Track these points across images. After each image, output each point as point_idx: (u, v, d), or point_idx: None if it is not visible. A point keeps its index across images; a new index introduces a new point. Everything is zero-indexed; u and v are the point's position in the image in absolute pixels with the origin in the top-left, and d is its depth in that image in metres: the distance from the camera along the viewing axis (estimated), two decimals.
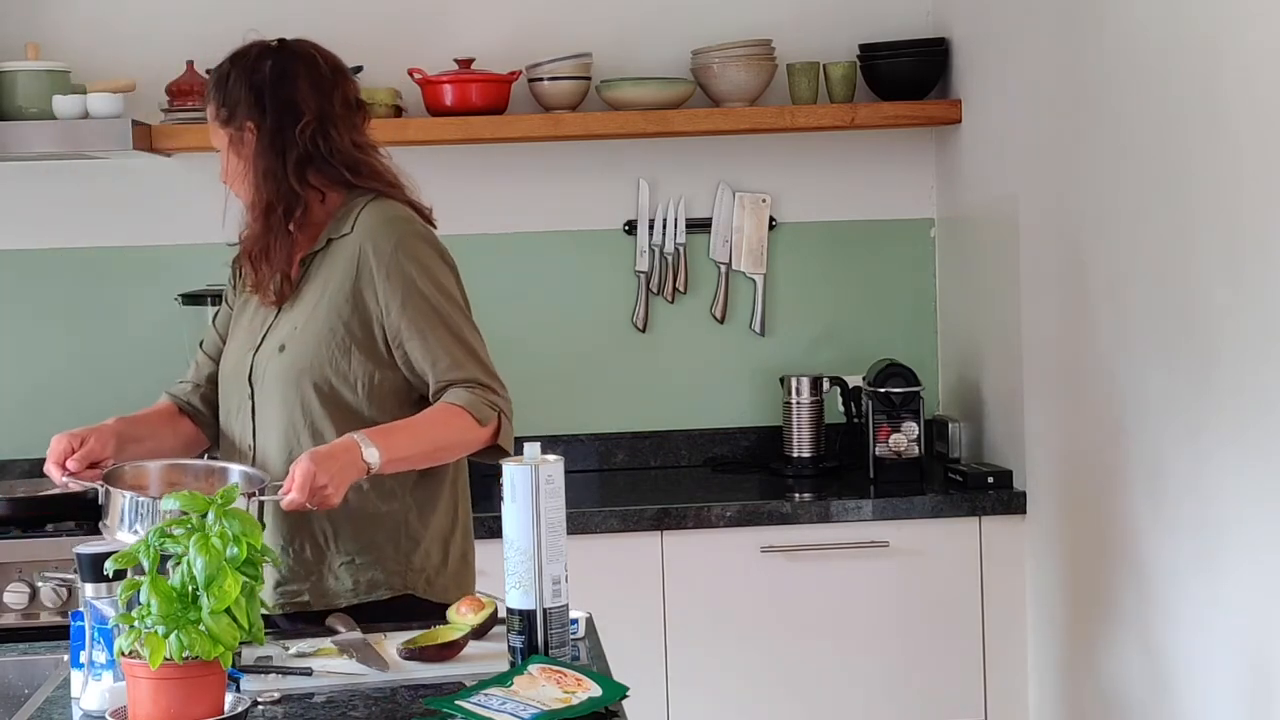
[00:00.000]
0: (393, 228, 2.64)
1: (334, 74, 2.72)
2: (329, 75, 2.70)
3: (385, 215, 2.66)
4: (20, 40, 3.85)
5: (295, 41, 2.76)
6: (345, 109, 2.70)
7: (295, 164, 2.64)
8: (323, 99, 2.67)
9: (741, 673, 3.62)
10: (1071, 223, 3.34)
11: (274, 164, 2.64)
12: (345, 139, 2.69)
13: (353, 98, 2.73)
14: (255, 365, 2.70)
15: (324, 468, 2.42)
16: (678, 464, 4.16)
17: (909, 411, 3.85)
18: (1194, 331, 2.83)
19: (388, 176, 2.74)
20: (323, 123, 2.66)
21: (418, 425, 2.58)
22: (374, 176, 2.71)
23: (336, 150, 2.67)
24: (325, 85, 2.68)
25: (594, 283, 4.15)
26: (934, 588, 3.65)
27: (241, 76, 2.68)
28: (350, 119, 2.71)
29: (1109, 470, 3.20)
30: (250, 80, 2.67)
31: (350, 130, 2.71)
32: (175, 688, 1.92)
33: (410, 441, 2.55)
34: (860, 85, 4.02)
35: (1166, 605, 2.98)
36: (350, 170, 2.68)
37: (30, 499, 3.59)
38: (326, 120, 2.66)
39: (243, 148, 2.67)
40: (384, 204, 2.69)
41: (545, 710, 2.06)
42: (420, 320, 2.61)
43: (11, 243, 4.03)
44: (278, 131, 2.64)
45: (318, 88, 2.67)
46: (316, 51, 2.74)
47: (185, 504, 2.02)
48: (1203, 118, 2.77)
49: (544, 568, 2.24)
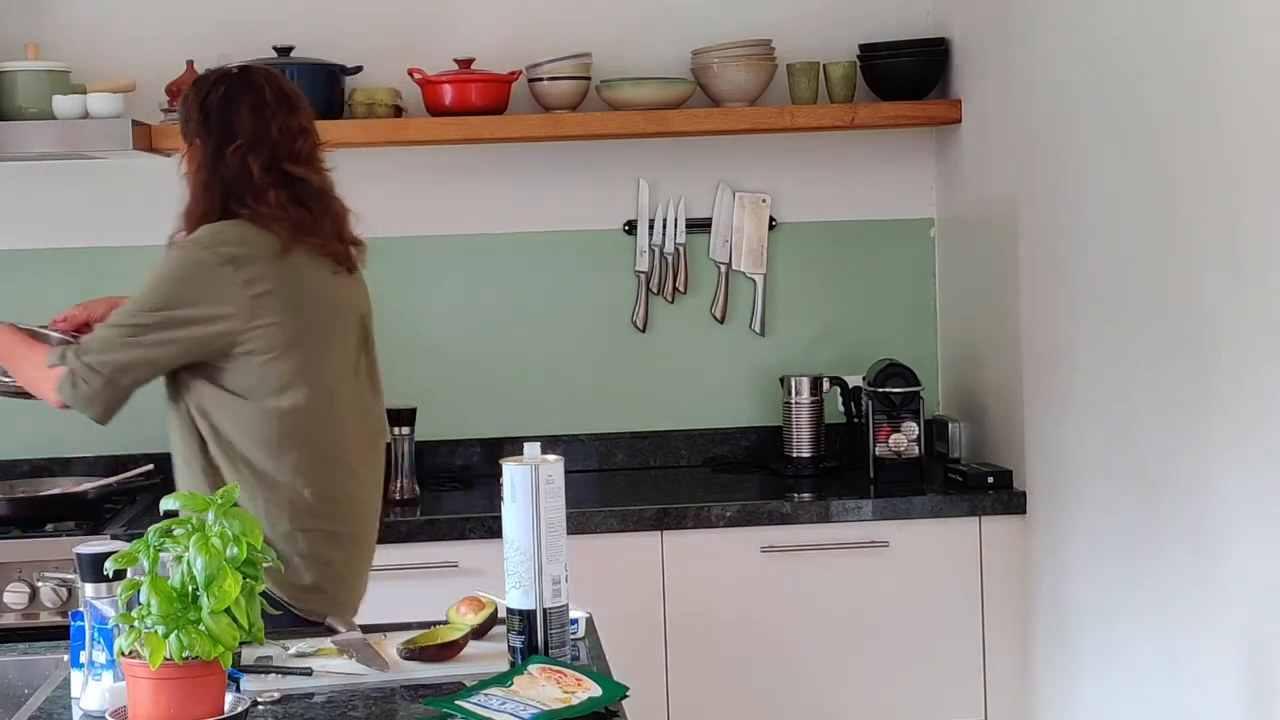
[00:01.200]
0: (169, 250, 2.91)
1: (278, 102, 2.90)
2: (271, 102, 2.89)
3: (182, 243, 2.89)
4: (20, 40, 3.85)
5: (254, 69, 2.96)
6: (283, 136, 2.88)
7: (221, 183, 2.87)
8: (259, 125, 2.87)
9: (741, 673, 3.62)
10: (1071, 223, 3.34)
11: (210, 178, 2.87)
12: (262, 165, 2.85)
13: (295, 125, 2.91)
14: None
15: None
16: (677, 464, 4.16)
17: (909, 411, 3.85)
18: (1193, 331, 2.83)
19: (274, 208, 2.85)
20: (250, 148, 2.86)
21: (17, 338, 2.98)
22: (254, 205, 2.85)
23: (245, 176, 2.85)
24: (266, 112, 2.88)
25: (594, 283, 4.15)
26: (934, 588, 3.65)
27: (196, 97, 2.92)
28: (288, 145, 2.88)
29: (1109, 470, 3.20)
30: (202, 102, 2.91)
31: (285, 157, 2.88)
32: (175, 688, 1.92)
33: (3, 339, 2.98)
34: (860, 85, 4.02)
35: (1166, 604, 2.98)
36: (234, 199, 2.85)
37: (30, 499, 3.60)
38: (256, 146, 2.86)
39: (190, 161, 2.93)
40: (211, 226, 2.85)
41: (545, 710, 2.06)
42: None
43: (11, 243, 4.03)
44: (215, 151, 2.87)
45: (257, 114, 2.88)
46: (268, 80, 2.93)
47: (185, 504, 2.02)
48: (1203, 117, 2.77)
49: (544, 568, 2.24)
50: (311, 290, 2.85)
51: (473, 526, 3.55)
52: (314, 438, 2.83)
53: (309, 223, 2.86)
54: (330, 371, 2.87)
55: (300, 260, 2.84)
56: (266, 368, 2.79)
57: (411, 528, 3.58)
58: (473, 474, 4.08)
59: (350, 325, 2.94)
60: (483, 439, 4.12)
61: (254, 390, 2.80)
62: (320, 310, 2.86)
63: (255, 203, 2.84)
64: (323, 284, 2.88)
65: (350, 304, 2.96)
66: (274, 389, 2.79)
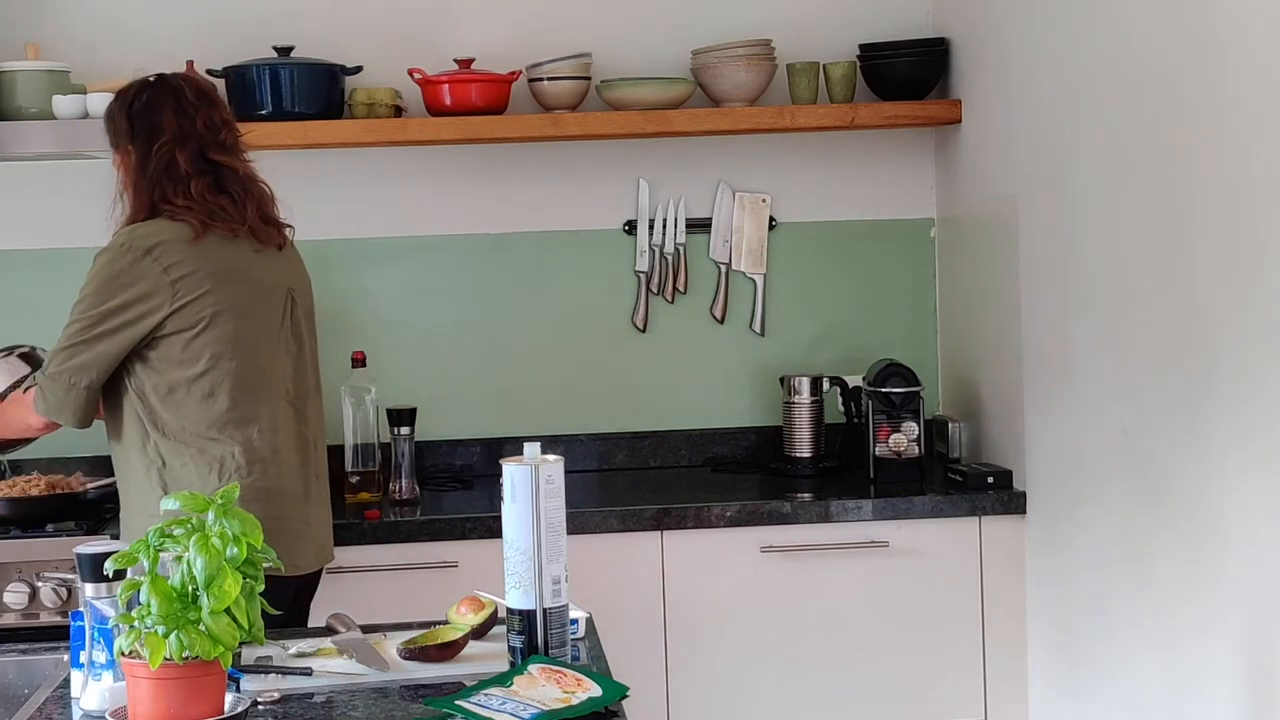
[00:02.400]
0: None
1: (199, 99, 3.10)
2: (193, 100, 3.09)
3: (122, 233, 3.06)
4: (20, 40, 3.85)
5: (170, 75, 3.15)
6: (208, 129, 3.07)
7: (151, 180, 3.06)
8: (185, 121, 3.06)
9: (741, 673, 3.62)
10: (1071, 223, 3.34)
11: (140, 179, 3.07)
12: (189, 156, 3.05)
13: (218, 118, 3.11)
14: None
15: None
16: (678, 464, 4.16)
17: (909, 411, 3.85)
18: (1194, 331, 2.83)
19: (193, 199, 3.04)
20: (176, 143, 3.05)
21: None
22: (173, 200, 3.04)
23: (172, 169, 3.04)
24: (189, 109, 3.07)
25: (594, 283, 4.15)
26: (934, 588, 3.65)
27: (121, 108, 3.11)
28: (212, 137, 3.07)
29: (1109, 470, 3.20)
30: (128, 111, 3.10)
31: (211, 146, 3.07)
32: (175, 688, 1.92)
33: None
34: (860, 85, 4.02)
35: (1166, 605, 2.98)
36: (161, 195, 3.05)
37: (30, 499, 3.59)
38: (182, 140, 3.05)
39: (125, 168, 3.11)
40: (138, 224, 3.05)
41: (545, 710, 2.06)
42: None
43: (11, 243, 4.03)
44: (143, 152, 3.06)
45: (181, 112, 3.07)
46: (186, 82, 3.13)
47: (185, 504, 2.02)
48: (1203, 117, 2.77)
49: (544, 568, 2.24)
50: (228, 268, 3.05)
51: (473, 526, 3.55)
52: (240, 403, 3.04)
53: (226, 208, 3.06)
54: (253, 340, 3.07)
55: (214, 243, 3.04)
56: (193, 342, 3.01)
57: (411, 528, 3.58)
58: (473, 474, 4.08)
59: (275, 298, 3.14)
60: (483, 439, 4.12)
61: (183, 364, 3.02)
62: (240, 285, 3.06)
63: (177, 196, 3.03)
64: (242, 262, 3.08)
65: (274, 278, 3.14)
66: (201, 360, 3.02)
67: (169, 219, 3.04)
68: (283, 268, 3.19)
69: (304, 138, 3.81)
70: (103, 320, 3.00)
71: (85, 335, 3.01)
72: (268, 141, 3.73)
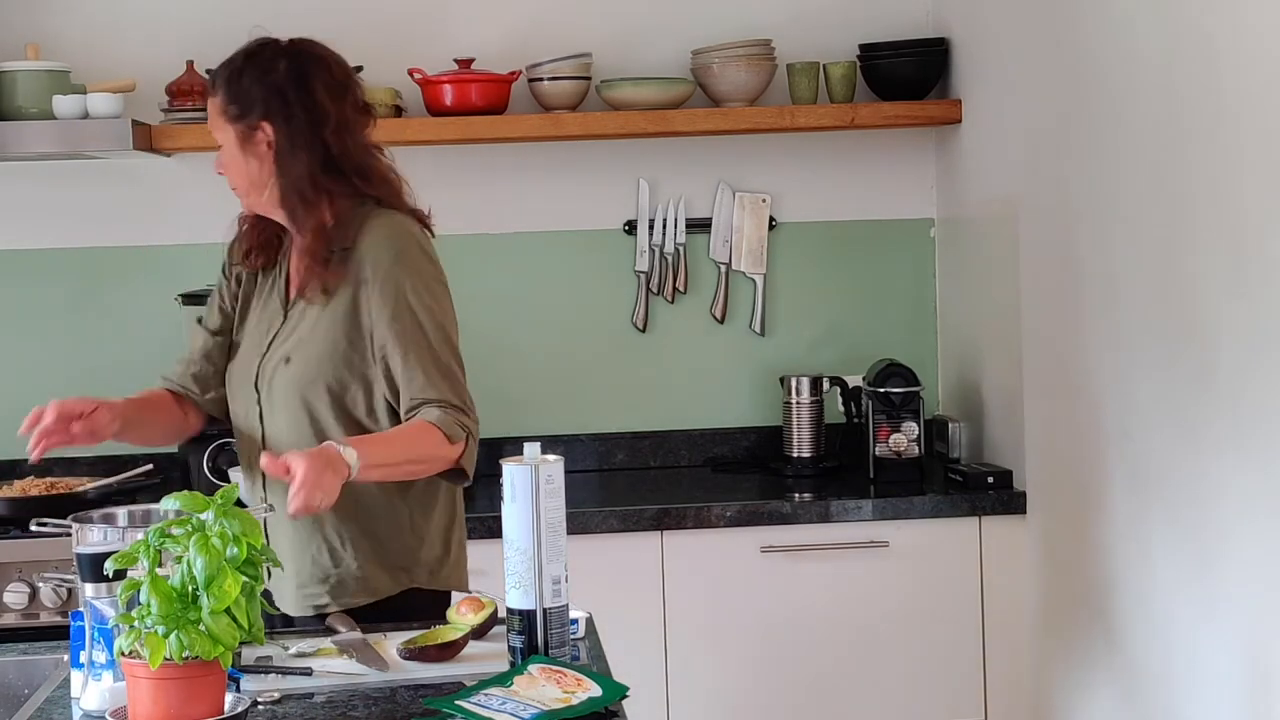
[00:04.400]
0: (394, 241, 2.68)
1: (345, 77, 2.74)
2: (341, 79, 2.73)
3: (389, 227, 2.69)
4: (20, 40, 3.85)
5: (306, 42, 2.77)
6: (355, 112, 2.73)
7: (312, 166, 2.66)
8: (338, 102, 2.69)
9: (741, 673, 3.62)
10: (1071, 223, 3.34)
11: (291, 164, 2.66)
12: (357, 143, 2.72)
13: (361, 101, 2.76)
14: (261, 373, 2.75)
15: (318, 475, 2.40)
16: (678, 464, 4.16)
17: (909, 411, 3.85)
18: (1193, 331, 2.83)
19: (393, 183, 2.76)
20: (339, 127, 2.68)
21: (394, 437, 2.63)
22: (382, 183, 2.74)
23: (350, 155, 2.69)
24: (338, 89, 2.71)
25: (594, 283, 4.15)
26: (934, 588, 3.65)
27: (256, 75, 2.69)
28: (361, 122, 2.74)
29: (1109, 470, 3.20)
30: (266, 80, 2.68)
31: (361, 134, 2.74)
32: (175, 688, 1.91)
33: (386, 451, 2.57)
34: (860, 85, 4.02)
35: (1166, 605, 2.98)
36: (361, 177, 2.70)
37: (30, 499, 3.59)
38: (342, 124, 2.69)
39: (252, 145, 2.68)
40: (388, 215, 2.71)
41: (545, 710, 2.06)
42: (404, 335, 2.64)
43: (11, 243, 4.03)
44: (298, 133, 2.66)
45: (332, 91, 2.69)
46: (328, 54, 2.76)
47: (185, 504, 2.02)
48: (1202, 117, 2.77)
49: (544, 568, 2.24)
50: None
51: (473, 526, 3.54)
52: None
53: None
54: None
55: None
56: None
57: None
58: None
59: None
60: (483, 439, 4.10)
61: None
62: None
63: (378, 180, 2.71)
64: None
65: None
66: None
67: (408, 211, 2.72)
68: None
69: None
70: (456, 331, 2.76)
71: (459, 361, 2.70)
72: None
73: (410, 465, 2.62)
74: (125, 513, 2.45)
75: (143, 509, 2.47)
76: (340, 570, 2.70)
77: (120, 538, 2.27)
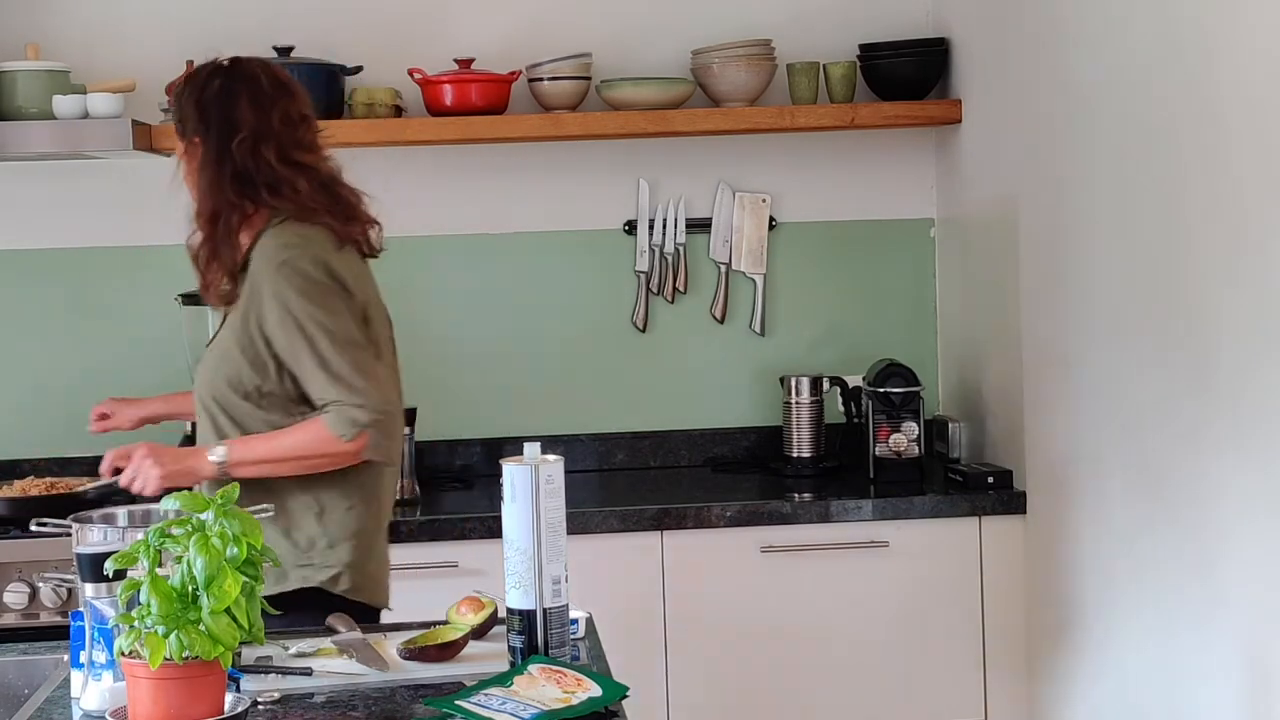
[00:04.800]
0: (279, 253, 2.80)
1: (275, 90, 2.88)
2: (269, 92, 2.87)
3: (277, 241, 2.82)
4: (20, 40, 3.85)
5: (245, 60, 2.92)
6: (285, 125, 2.86)
7: (232, 177, 2.83)
8: (260, 115, 2.84)
9: (741, 673, 3.62)
10: (1071, 222, 3.34)
11: (216, 175, 2.84)
12: (275, 156, 2.84)
13: (295, 113, 2.89)
14: (195, 377, 2.97)
15: (158, 456, 2.82)
16: (678, 464, 4.16)
17: (909, 411, 3.85)
18: (1193, 331, 2.83)
19: (306, 198, 2.85)
20: (256, 139, 2.83)
21: (277, 435, 2.81)
22: (292, 196, 2.85)
23: (262, 168, 2.83)
24: (265, 101, 2.85)
25: (594, 283, 4.15)
26: (934, 588, 3.65)
27: (191, 93, 2.89)
28: (291, 134, 2.87)
29: (1109, 470, 3.20)
30: (198, 97, 2.88)
31: (291, 146, 2.86)
32: (175, 688, 1.91)
33: (265, 448, 2.80)
34: (860, 85, 4.02)
35: (1166, 605, 2.98)
36: (269, 190, 2.84)
37: (30, 499, 3.59)
38: (261, 136, 2.83)
39: (191, 159, 2.89)
40: (284, 229, 2.83)
41: (545, 710, 2.06)
42: (294, 346, 2.79)
43: (11, 243, 4.03)
44: (218, 146, 2.84)
45: (257, 104, 2.85)
46: (262, 70, 2.90)
47: (185, 504, 2.02)
48: (1201, 117, 2.77)
49: (544, 568, 2.24)
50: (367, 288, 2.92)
51: (473, 526, 3.55)
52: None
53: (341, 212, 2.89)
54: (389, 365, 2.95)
55: (350, 254, 2.90)
56: None
57: (411, 528, 3.58)
58: (473, 474, 4.08)
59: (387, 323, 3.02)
60: (483, 439, 4.12)
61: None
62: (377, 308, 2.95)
63: (287, 193, 2.83)
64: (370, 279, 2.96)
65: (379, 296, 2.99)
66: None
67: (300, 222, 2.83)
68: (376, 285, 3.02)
69: None
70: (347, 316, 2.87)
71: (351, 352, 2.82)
72: None
73: (296, 461, 2.79)
74: (125, 513, 2.47)
75: (143, 509, 2.49)
76: None
77: (120, 538, 2.28)
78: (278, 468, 2.79)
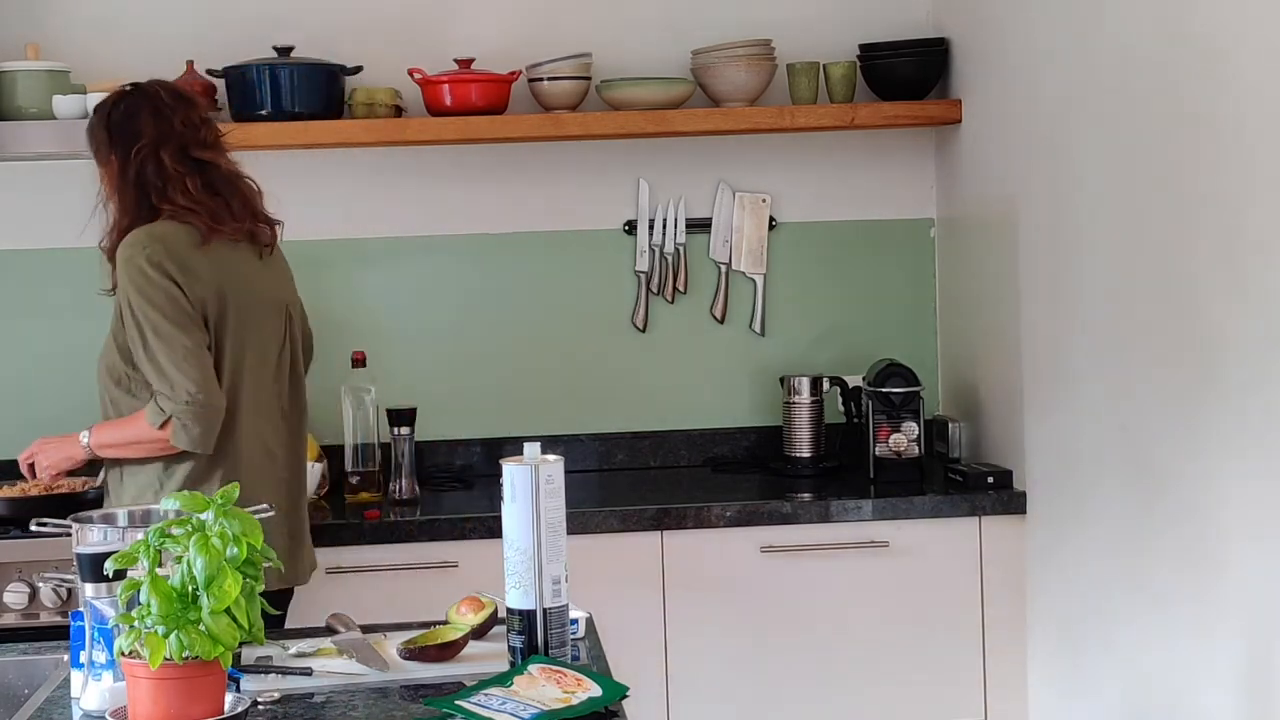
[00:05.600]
0: (123, 252, 3.04)
1: (175, 101, 3.11)
2: (170, 103, 3.10)
3: (128, 240, 3.04)
4: (20, 40, 3.85)
5: (146, 83, 3.16)
6: (186, 126, 3.08)
7: (135, 186, 3.06)
8: (162, 123, 3.07)
9: (741, 673, 3.62)
10: (1071, 223, 3.34)
11: (125, 187, 3.07)
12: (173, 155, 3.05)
13: (196, 117, 3.11)
14: None
15: (43, 446, 3.24)
16: (678, 464, 4.16)
17: (909, 411, 3.85)
18: (1193, 331, 2.83)
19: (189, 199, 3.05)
20: (157, 144, 3.05)
21: (119, 423, 3.09)
22: (175, 198, 3.05)
23: (161, 171, 3.04)
24: (166, 111, 3.08)
25: (594, 283, 4.15)
26: (934, 588, 3.65)
27: (100, 120, 3.12)
28: (194, 134, 3.09)
29: (1109, 470, 3.20)
30: (106, 122, 3.11)
31: (193, 144, 3.07)
32: (175, 688, 1.91)
33: (110, 433, 3.10)
34: (860, 85, 4.02)
35: (1166, 604, 2.98)
36: (157, 194, 3.05)
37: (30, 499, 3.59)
38: (162, 141, 3.05)
39: (109, 181, 3.11)
40: (142, 228, 3.04)
41: (545, 710, 2.06)
42: (132, 338, 3.04)
43: (11, 243, 4.03)
44: (122, 159, 3.07)
45: (158, 115, 3.08)
46: (162, 87, 3.15)
47: (185, 504, 2.02)
48: (1202, 117, 2.77)
49: (544, 568, 2.24)
50: (236, 282, 3.07)
51: (473, 526, 3.55)
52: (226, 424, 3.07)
53: (223, 210, 3.07)
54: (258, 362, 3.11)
55: (221, 250, 3.06)
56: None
57: (411, 528, 3.58)
58: (473, 474, 4.08)
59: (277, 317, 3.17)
60: (483, 439, 4.12)
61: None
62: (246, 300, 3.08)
63: (174, 194, 3.03)
64: (248, 272, 3.11)
65: (274, 294, 3.17)
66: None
67: (174, 220, 3.04)
68: (282, 282, 3.22)
69: (304, 138, 3.81)
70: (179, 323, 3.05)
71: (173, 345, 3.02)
72: (268, 141, 3.74)
73: (133, 445, 3.07)
74: (125, 513, 2.49)
75: (143, 509, 2.50)
76: None
77: (120, 538, 2.28)
78: (123, 450, 3.08)
